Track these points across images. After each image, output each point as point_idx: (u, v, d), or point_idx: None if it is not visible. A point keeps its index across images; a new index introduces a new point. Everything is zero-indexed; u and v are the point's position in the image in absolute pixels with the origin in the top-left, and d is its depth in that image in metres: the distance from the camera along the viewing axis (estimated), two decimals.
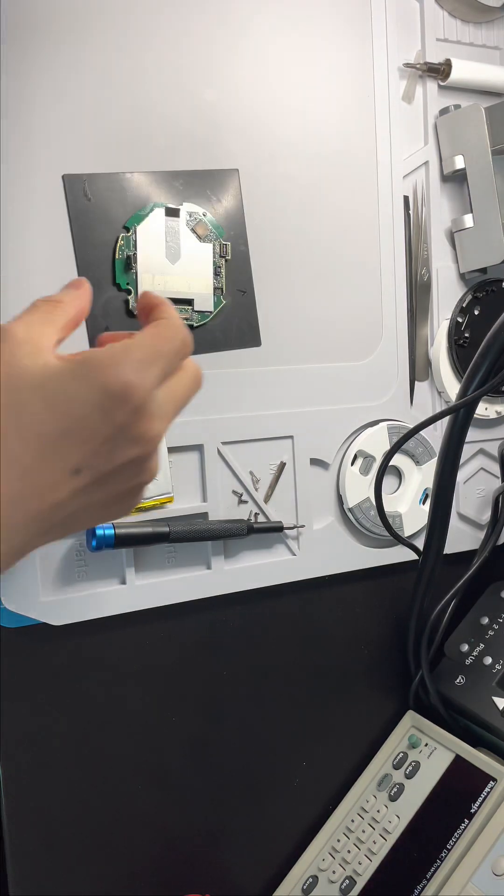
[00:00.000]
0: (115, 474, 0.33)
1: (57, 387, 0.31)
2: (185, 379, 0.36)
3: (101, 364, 0.32)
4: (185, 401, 0.36)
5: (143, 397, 0.32)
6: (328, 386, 0.52)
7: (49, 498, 0.32)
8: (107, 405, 0.31)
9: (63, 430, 0.31)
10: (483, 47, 0.57)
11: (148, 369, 0.32)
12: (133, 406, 0.32)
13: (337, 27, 0.51)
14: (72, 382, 0.31)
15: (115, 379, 0.31)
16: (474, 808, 0.46)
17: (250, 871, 0.51)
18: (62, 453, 0.31)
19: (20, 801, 0.46)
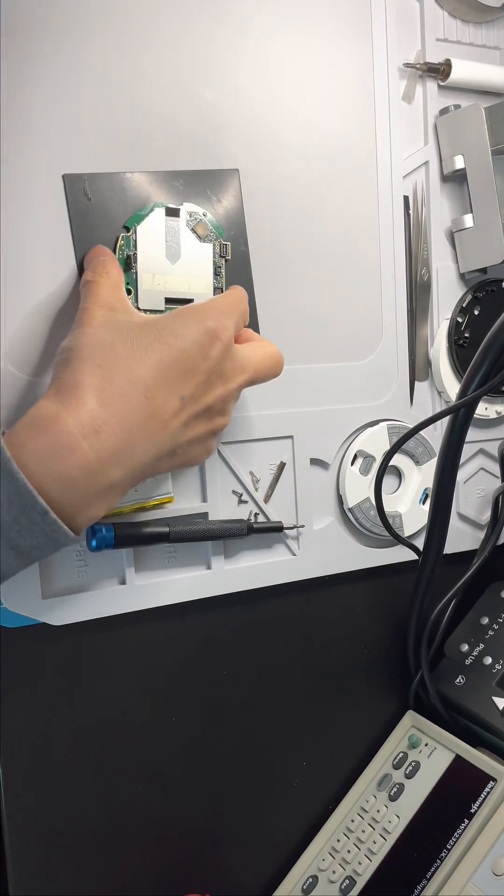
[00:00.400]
0: (207, 409, 0.39)
1: (164, 325, 0.37)
2: (263, 352, 0.42)
3: (195, 309, 0.38)
4: (263, 367, 0.42)
5: (229, 337, 0.39)
6: (328, 386, 0.52)
7: (166, 421, 0.37)
8: (204, 341, 0.37)
9: (175, 360, 0.36)
10: (483, 47, 0.57)
11: (228, 317, 0.39)
12: (223, 343, 0.38)
13: (337, 27, 0.51)
14: (175, 322, 0.37)
15: (208, 319, 0.38)
16: (474, 808, 0.46)
17: (250, 871, 0.51)
18: (174, 380, 0.36)
19: (20, 801, 0.46)
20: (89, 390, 0.34)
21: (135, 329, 0.37)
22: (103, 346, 0.36)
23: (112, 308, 0.38)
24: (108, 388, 0.34)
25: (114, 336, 0.36)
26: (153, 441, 0.36)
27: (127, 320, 0.37)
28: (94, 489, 0.34)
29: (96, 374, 0.34)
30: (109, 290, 0.39)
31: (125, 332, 0.36)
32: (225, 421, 0.41)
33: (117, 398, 0.34)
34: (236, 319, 0.40)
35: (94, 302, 0.38)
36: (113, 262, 0.41)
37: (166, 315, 0.38)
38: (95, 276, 0.40)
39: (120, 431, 0.34)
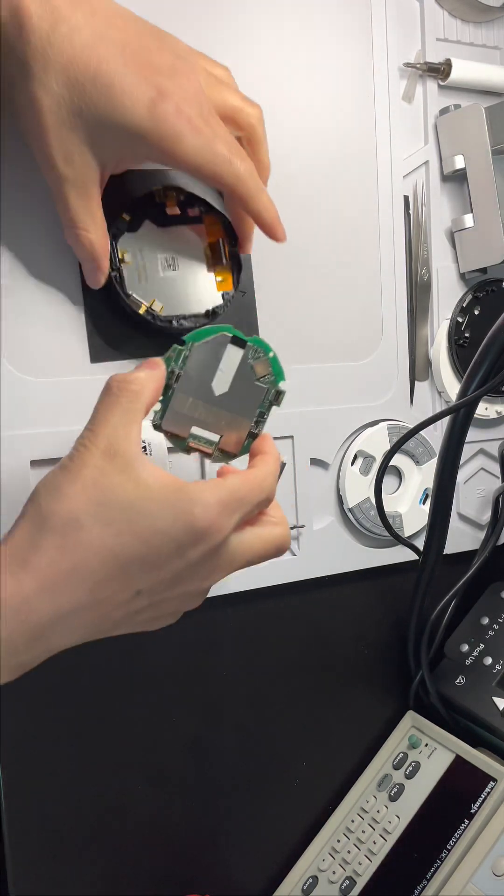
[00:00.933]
0: (168, 601, 0.35)
1: (145, 511, 0.32)
2: (266, 539, 0.37)
3: (191, 499, 0.33)
4: (258, 559, 0.37)
5: (220, 539, 0.34)
6: (328, 386, 0.52)
7: (108, 613, 0.33)
8: (185, 541, 0.33)
9: (140, 556, 0.32)
10: (483, 47, 0.57)
11: (231, 515, 0.34)
12: (209, 546, 0.33)
13: (337, 27, 0.51)
14: (159, 511, 0.32)
15: (200, 518, 0.33)
16: (474, 808, 0.46)
17: (250, 871, 0.51)
18: (132, 576, 0.32)
19: (20, 801, 0.46)
20: (33, 570, 0.31)
21: (114, 508, 0.32)
22: (71, 522, 0.31)
23: (111, 455, 0.33)
24: (52, 575, 0.31)
25: (87, 510, 0.32)
26: (88, 626, 0.33)
27: (114, 488, 0.32)
28: (5, 662, 0.31)
29: (47, 555, 0.31)
30: (122, 419, 0.34)
31: (102, 511, 0.32)
32: (192, 605, 0.37)
33: (58, 588, 0.31)
34: (245, 513, 0.35)
35: (95, 439, 0.33)
36: (151, 379, 0.36)
37: (157, 499, 0.32)
38: (120, 390, 0.34)
39: (49, 619, 0.31)
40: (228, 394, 0.39)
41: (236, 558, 0.36)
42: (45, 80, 0.34)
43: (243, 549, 0.36)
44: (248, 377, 0.39)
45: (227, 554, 0.35)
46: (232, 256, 0.46)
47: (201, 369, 0.38)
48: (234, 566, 0.36)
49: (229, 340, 0.39)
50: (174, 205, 0.44)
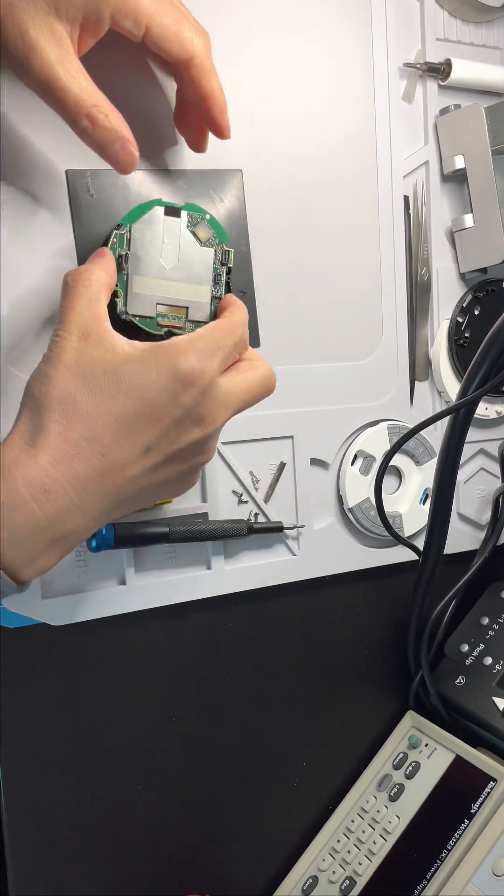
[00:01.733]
0: (179, 453, 0.37)
1: (130, 371, 0.35)
2: (253, 378, 0.39)
3: (170, 351, 0.35)
4: (251, 396, 0.39)
5: (208, 381, 0.36)
6: (328, 386, 0.52)
7: (124, 474, 0.35)
8: (175, 388, 0.35)
9: (137, 412, 0.34)
10: (483, 47, 0.57)
11: (211, 357, 0.36)
12: (199, 389, 0.36)
13: (337, 27, 0.51)
14: (143, 368, 0.35)
15: (182, 364, 0.35)
16: (474, 808, 0.46)
17: (250, 871, 0.51)
18: (136, 433, 0.35)
19: (20, 801, 0.46)
20: (43, 448, 0.33)
21: (100, 376, 0.35)
22: (65, 398, 0.34)
23: (85, 335, 0.35)
24: (63, 445, 0.33)
25: (77, 384, 0.34)
26: (110, 495, 0.35)
27: (95, 360, 0.35)
28: (42, 544, 0.33)
29: (53, 430, 0.33)
30: (86, 304, 0.36)
31: (89, 380, 0.34)
32: (205, 458, 0.39)
33: (72, 457, 0.33)
34: (224, 355, 0.37)
35: (67, 327, 0.35)
36: (100, 266, 0.38)
37: (138, 359, 0.35)
38: (75, 281, 0.37)
39: (71, 490, 0.33)
40: (180, 265, 0.42)
41: (231, 399, 0.38)
42: None
43: (234, 388, 0.38)
44: (192, 244, 0.42)
45: (221, 395, 0.37)
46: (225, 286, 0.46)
47: (147, 247, 0.41)
48: (231, 407, 0.38)
49: (164, 212, 0.41)
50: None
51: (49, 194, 0.43)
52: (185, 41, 0.39)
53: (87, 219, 0.43)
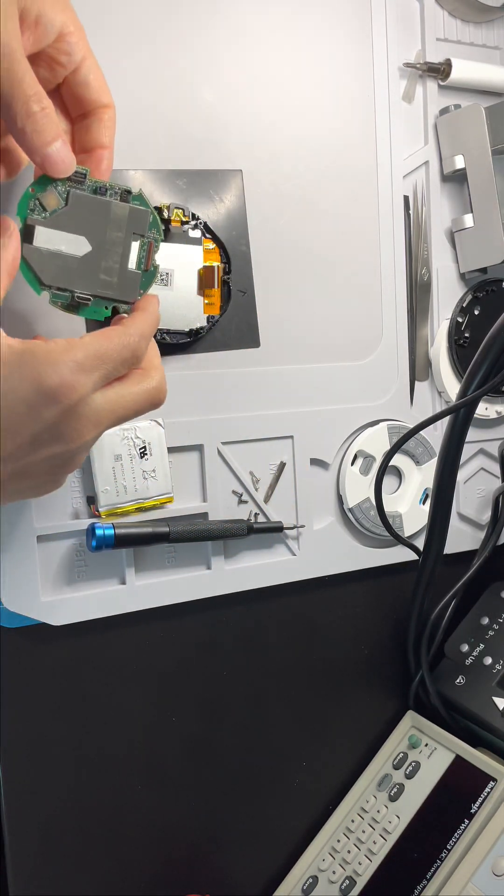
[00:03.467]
0: (36, 465, 0.34)
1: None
2: (136, 392, 0.36)
3: (39, 359, 0.32)
4: (129, 412, 0.36)
5: (76, 399, 0.32)
6: (328, 386, 0.52)
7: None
8: (36, 401, 0.31)
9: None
10: (483, 47, 0.57)
11: (86, 373, 0.32)
12: (63, 406, 0.32)
13: (337, 27, 0.51)
14: (8, 374, 0.31)
15: (49, 377, 0.31)
16: (474, 808, 0.46)
17: (250, 871, 0.51)
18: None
19: (20, 801, 0.46)
20: None
21: None
22: None
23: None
24: None
25: None
26: None
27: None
28: None
29: None
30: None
31: None
32: (68, 470, 0.36)
33: None
34: (106, 372, 0.34)
35: None
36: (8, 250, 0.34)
37: (5, 363, 0.32)
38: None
39: None
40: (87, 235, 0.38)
41: (102, 417, 0.34)
42: None
43: (109, 406, 0.35)
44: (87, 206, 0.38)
45: (91, 413, 0.34)
46: (223, 283, 0.46)
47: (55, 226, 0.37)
48: (102, 423, 0.35)
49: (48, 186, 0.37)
50: (178, 223, 0.45)
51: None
52: (107, 88, 0.38)
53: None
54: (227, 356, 0.49)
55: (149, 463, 0.46)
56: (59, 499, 0.45)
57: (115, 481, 0.45)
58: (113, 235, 0.38)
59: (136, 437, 0.46)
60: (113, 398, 0.35)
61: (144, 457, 0.46)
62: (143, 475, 0.46)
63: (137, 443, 0.46)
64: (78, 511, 0.45)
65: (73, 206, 0.37)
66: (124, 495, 0.45)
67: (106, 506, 0.45)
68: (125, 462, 0.45)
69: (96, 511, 0.45)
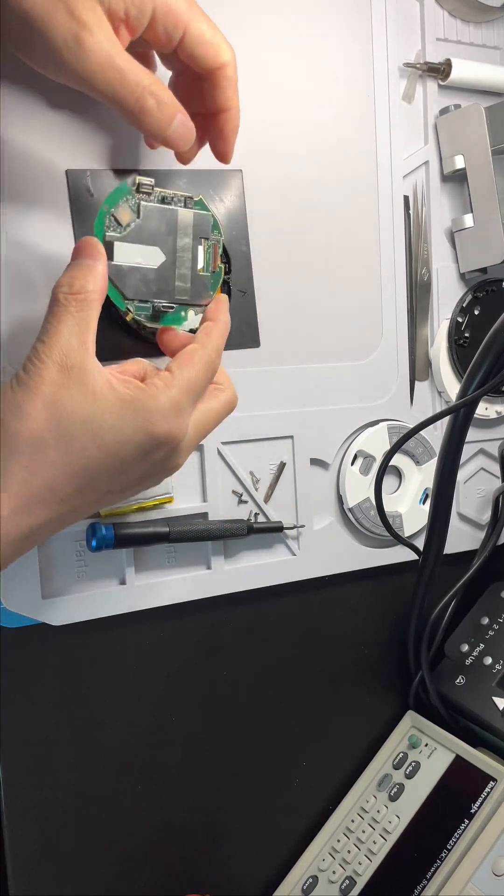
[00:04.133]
0: (140, 489, 0.38)
1: (105, 424, 0.33)
2: (217, 408, 0.39)
3: (148, 408, 0.34)
4: (214, 426, 0.39)
5: (181, 438, 0.36)
6: (328, 386, 0.52)
7: (81, 513, 0.35)
8: (149, 448, 0.34)
9: (106, 467, 0.34)
10: (483, 47, 0.57)
11: (185, 412, 0.36)
12: (171, 447, 0.35)
13: (337, 27, 0.51)
14: (120, 423, 0.34)
15: (159, 426, 0.34)
16: (474, 808, 0.46)
17: (250, 871, 0.51)
18: (101, 482, 0.34)
19: (20, 801, 0.46)
20: (5, 493, 0.32)
21: (76, 424, 0.33)
22: (35, 442, 0.32)
23: (67, 367, 0.33)
24: (26, 492, 0.32)
25: (50, 429, 0.32)
26: (64, 525, 0.35)
27: (73, 404, 0.33)
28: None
29: (17, 477, 0.32)
30: (75, 327, 0.34)
31: (64, 426, 0.32)
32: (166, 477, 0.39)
33: (32, 505, 0.33)
34: (198, 397, 0.37)
35: (49, 351, 0.33)
36: (93, 275, 0.35)
37: (115, 412, 0.33)
38: (67, 299, 0.34)
39: (26, 535, 0.33)
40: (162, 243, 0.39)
41: (194, 441, 0.38)
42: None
43: (200, 428, 0.38)
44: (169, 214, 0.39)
45: (188, 444, 0.37)
46: (224, 285, 0.46)
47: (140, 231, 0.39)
48: (194, 447, 0.38)
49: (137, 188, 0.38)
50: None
51: (49, 194, 0.43)
52: (221, 47, 0.38)
53: (86, 218, 0.43)
54: (227, 356, 0.48)
55: None
56: None
57: None
58: (182, 242, 0.40)
59: None
60: (202, 421, 0.38)
61: None
62: None
63: None
64: None
65: (145, 218, 0.39)
66: None
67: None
68: None
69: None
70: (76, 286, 0.35)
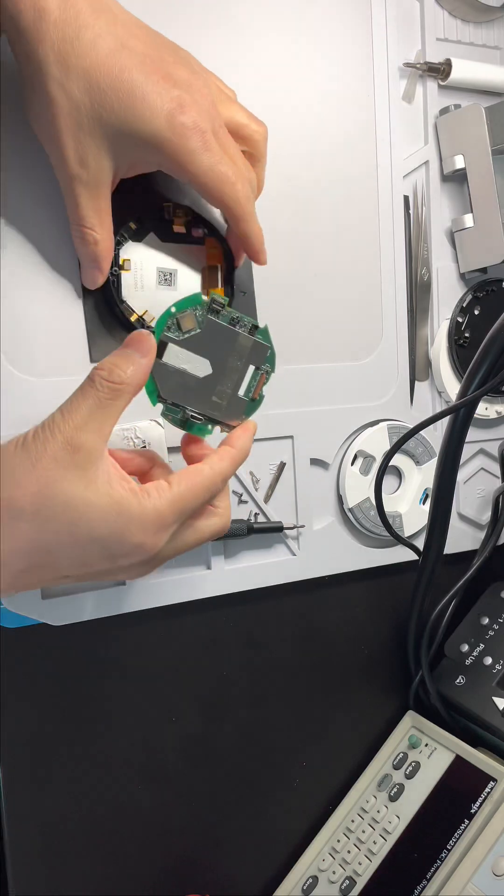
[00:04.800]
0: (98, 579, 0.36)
1: (86, 517, 0.33)
2: (203, 530, 0.38)
3: (130, 515, 0.33)
4: (194, 547, 0.38)
5: (153, 554, 0.35)
6: (328, 386, 0.52)
7: (32, 586, 0.35)
8: (117, 553, 0.34)
9: (71, 556, 0.33)
10: (483, 47, 0.57)
11: (167, 528, 0.35)
12: (139, 559, 0.35)
13: (337, 27, 0.51)
14: (99, 521, 0.33)
15: (134, 537, 0.34)
16: (474, 808, 0.46)
17: (250, 871, 0.51)
18: (61, 566, 0.34)
19: (20, 801, 0.46)
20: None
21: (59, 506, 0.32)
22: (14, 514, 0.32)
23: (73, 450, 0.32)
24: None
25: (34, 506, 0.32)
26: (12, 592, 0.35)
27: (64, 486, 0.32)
28: None
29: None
30: (99, 414, 0.33)
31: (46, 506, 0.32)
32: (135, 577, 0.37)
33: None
34: (183, 519, 0.36)
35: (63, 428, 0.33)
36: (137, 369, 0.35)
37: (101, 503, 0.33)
38: (103, 386, 0.34)
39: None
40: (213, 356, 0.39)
41: (169, 555, 0.37)
42: (65, 84, 0.35)
43: (178, 545, 0.37)
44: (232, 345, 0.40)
45: (160, 556, 0.36)
46: (226, 282, 0.46)
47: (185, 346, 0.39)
48: (168, 559, 0.37)
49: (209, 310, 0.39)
50: (181, 223, 0.45)
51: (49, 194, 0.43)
52: (226, 197, 0.40)
53: None
54: None
55: None
56: None
57: None
58: (233, 363, 0.40)
59: (136, 437, 0.46)
60: (184, 538, 0.37)
61: None
62: None
63: (137, 443, 0.46)
64: None
65: (206, 331, 0.39)
66: None
67: None
68: None
69: None
70: (115, 375, 0.34)
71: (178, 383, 0.39)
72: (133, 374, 0.35)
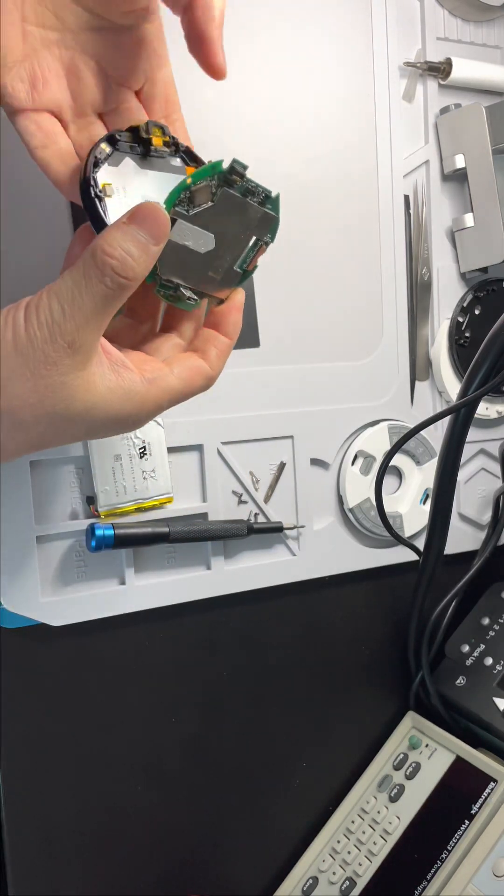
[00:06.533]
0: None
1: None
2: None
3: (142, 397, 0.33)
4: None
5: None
6: (328, 386, 0.52)
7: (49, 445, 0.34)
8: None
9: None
10: (484, 46, 0.57)
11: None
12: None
13: (337, 26, 0.51)
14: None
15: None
16: (475, 809, 0.46)
17: (250, 871, 0.51)
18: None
19: (20, 801, 0.46)
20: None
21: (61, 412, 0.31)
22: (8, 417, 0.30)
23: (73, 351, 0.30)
24: None
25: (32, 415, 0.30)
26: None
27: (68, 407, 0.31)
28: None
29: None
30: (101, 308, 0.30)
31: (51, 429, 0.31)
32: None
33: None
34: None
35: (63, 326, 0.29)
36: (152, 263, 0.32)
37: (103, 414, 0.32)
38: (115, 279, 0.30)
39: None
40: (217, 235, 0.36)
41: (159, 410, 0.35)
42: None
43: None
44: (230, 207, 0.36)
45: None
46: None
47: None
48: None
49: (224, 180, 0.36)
50: (160, 141, 0.40)
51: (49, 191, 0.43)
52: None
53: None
54: None
55: (148, 463, 0.46)
56: (58, 499, 0.45)
57: (114, 481, 0.45)
58: (237, 236, 0.37)
59: (135, 437, 0.46)
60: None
61: (144, 457, 0.46)
62: (143, 475, 0.46)
63: (137, 443, 0.46)
64: (77, 511, 0.45)
65: (219, 204, 0.36)
66: (124, 495, 0.45)
67: (105, 506, 0.45)
68: (125, 462, 0.45)
69: (95, 511, 0.45)
70: (127, 267, 0.30)
71: (177, 259, 0.35)
72: (145, 267, 0.31)
